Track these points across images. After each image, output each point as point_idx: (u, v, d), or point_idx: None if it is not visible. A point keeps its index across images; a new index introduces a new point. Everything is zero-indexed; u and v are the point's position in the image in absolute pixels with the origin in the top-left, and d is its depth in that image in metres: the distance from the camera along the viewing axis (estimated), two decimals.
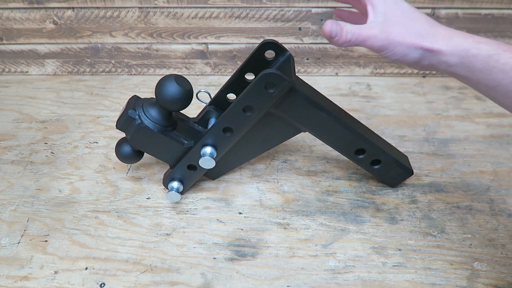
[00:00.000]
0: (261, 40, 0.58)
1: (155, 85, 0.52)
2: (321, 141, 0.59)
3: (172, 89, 0.51)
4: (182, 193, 0.59)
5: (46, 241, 0.55)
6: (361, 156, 0.58)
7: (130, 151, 0.57)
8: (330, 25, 0.40)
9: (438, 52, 0.39)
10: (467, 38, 0.38)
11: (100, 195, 0.61)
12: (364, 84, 0.85)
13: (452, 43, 0.38)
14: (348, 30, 0.40)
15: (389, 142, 0.62)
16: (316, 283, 0.50)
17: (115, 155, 0.58)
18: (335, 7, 0.78)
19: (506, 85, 0.35)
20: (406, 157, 0.63)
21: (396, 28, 0.39)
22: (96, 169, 0.65)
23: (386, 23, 0.40)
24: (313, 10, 0.78)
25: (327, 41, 0.82)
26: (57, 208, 0.59)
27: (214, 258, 0.53)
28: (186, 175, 0.58)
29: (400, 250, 0.54)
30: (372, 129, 0.61)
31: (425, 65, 0.41)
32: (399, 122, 0.75)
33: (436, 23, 0.41)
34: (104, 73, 0.88)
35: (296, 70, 0.72)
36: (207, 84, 0.85)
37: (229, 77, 0.60)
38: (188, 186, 0.60)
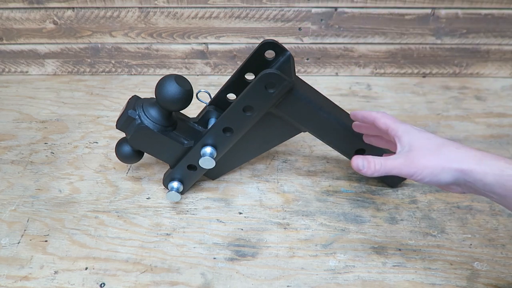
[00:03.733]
0: (261, 40, 0.58)
1: (155, 85, 0.52)
2: (321, 141, 0.59)
3: (172, 89, 0.51)
4: (182, 193, 0.59)
5: (46, 241, 0.55)
6: None
7: (130, 151, 0.57)
8: (357, 161, 0.44)
9: (470, 171, 0.39)
10: (500, 159, 0.39)
11: (100, 195, 0.61)
12: (364, 84, 0.85)
13: (485, 163, 0.39)
14: (376, 162, 0.43)
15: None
16: (316, 283, 0.50)
17: (115, 155, 0.58)
18: (335, 7, 0.78)
19: None
20: None
21: (422, 154, 0.42)
22: (96, 169, 0.65)
23: (411, 151, 0.42)
24: (313, 10, 0.78)
25: (327, 41, 0.82)
26: (57, 208, 0.59)
27: (214, 258, 0.53)
28: (186, 175, 0.58)
29: (400, 250, 0.54)
30: None
31: (463, 185, 0.41)
32: None
33: (464, 146, 0.42)
34: (104, 73, 0.88)
35: (296, 70, 0.72)
36: (207, 84, 0.85)
37: (229, 77, 0.60)
38: (188, 186, 0.60)
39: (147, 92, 0.82)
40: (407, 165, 0.42)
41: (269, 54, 0.57)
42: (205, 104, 0.61)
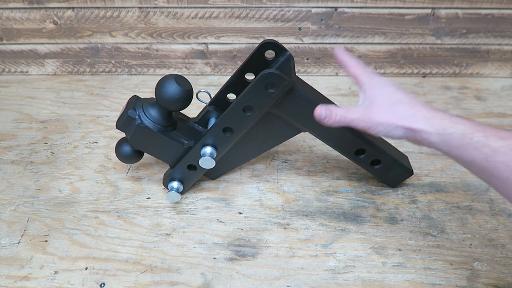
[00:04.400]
0: (261, 40, 0.58)
1: (155, 85, 0.52)
2: (321, 141, 0.59)
3: (172, 89, 0.51)
4: (182, 193, 0.59)
5: (46, 241, 0.55)
6: (361, 156, 0.58)
7: (130, 151, 0.57)
8: (320, 109, 0.47)
9: (419, 131, 0.42)
10: (445, 118, 0.42)
11: (100, 195, 0.61)
12: None
13: (431, 122, 0.42)
14: (337, 113, 0.46)
15: (389, 142, 0.62)
16: (316, 283, 0.50)
17: (115, 155, 0.58)
18: (335, 7, 0.78)
19: (480, 161, 0.38)
20: (406, 157, 0.63)
21: (378, 110, 0.45)
22: (96, 169, 0.65)
23: (370, 106, 0.45)
24: (313, 10, 0.78)
25: (327, 41, 0.82)
26: (57, 208, 0.59)
27: (214, 258, 0.53)
28: (186, 175, 0.58)
29: (400, 250, 0.54)
30: None
31: (411, 140, 0.45)
32: None
33: (419, 103, 0.44)
34: (104, 73, 0.88)
35: (296, 70, 0.72)
36: (207, 84, 0.85)
37: (229, 77, 0.60)
38: (188, 186, 0.60)
39: (147, 92, 0.82)
40: (364, 119, 0.45)
41: (269, 54, 0.57)
42: (205, 104, 0.61)
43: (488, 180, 0.40)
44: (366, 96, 0.47)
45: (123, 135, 0.58)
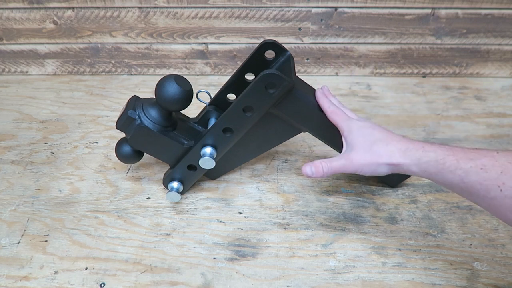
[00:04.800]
0: (261, 40, 0.58)
1: (155, 85, 0.52)
2: (321, 141, 0.59)
3: (172, 89, 0.51)
4: (182, 193, 0.59)
5: (46, 241, 0.55)
6: None
7: (130, 151, 0.57)
8: (305, 169, 0.49)
9: (399, 164, 0.45)
10: (419, 149, 0.44)
11: (100, 195, 0.61)
12: (364, 84, 0.85)
13: (407, 155, 0.45)
14: (323, 166, 0.49)
15: None
16: (316, 283, 0.50)
17: (115, 155, 0.58)
18: (335, 7, 0.78)
19: (457, 182, 0.41)
20: None
21: (359, 154, 0.47)
22: (96, 169, 0.65)
23: (352, 151, 0.48)
24: (313, 10, 0.78)
25: (327, 41, 0.82)
26: (57, 208, 0.59)
27: (214, 258, 0.53)
28: (186, 175, 0.58)
29: (400, 250, 0.54)
30: None
31: (397, 172, 0.47)
32: (399, 122, 0.75)
33: (394, 139, 0.47)
34: (104, 73, 0.88)
35: (296, 70, 0.72)
36: (207, 84, 0.85)
37: (229, 77, 0.60)
38: (188, 186, 0.60)
39: (147, 92, 0.82)
40: (348, 165, 0.48)
41: (269, 54, 0.57)
42: (205, 104, 0.61)
43: (470, 199, 0.42)
44: (347, 143, 0.50)
45: (123, 135, 0.58)
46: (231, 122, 0.53)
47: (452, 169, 0.41)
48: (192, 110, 0.62)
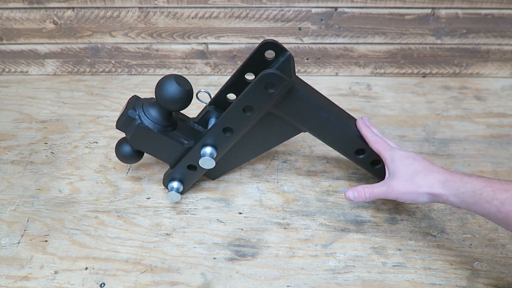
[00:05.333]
0: (261, 40, 0.58)
1: (155, 85, 0.52)
2: (321, 141, 0.59)
3: (172, 89, 0.51)
4: (182, 193, 0.59)
5: (46, 241, 0.55)
6: (361, 156, 0.58)
7: (130, 151, 0.57)
8: (348, 194, 0.53)
9: (438, 195, 0.47)
10: (457, 180, 0.47)
11: (100, 195, 0.61)
12: (364, 84, 0.85)
13: (446, 186, 0.47)
14: (365, 191, 0.52)
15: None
16: (316, 283, 0.50)
17: (115, 155, 0.58)
18: (335, 7, 0.78)
19: (494, 212, 0.43)
20: None
21: (400, 182, 0.50)
22: (96, 169, 0.65)
23: (393, 180, 0.51)
24: (313, 10, 0.78)
25: (327, 41, 0.82)
26: (57, 208, 0.59)
27: (214, 258, 0.53)
28: (186, 175, 0.58)
29: (400, 250, 0.54)
30: None
31: (436, 202, 0.49)
32: (399, 122, 0.75)
33: (434, 170, 0.49)
34: (104, 73, 0.88)
35: (296, 70, 0.72)
36: (207, 84, 0.85)
37: (229, 77, 0.60)
38: (188, 186, 0.60)
39: (147, 92, 0.82)
40: (389, 192, 0.50)
41: (269, 54, 0.57)
42: (205, 104, 0.61)
43: (508, 228, 0.44)
44: (389, 171, 0.52)
45: (123, 135, 0.58)
46: (231, 122, 0.53)
47: (488, 199, 0.43)
48: (192, 110, 0.62)
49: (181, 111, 0.57)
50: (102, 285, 0.50)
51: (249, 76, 0.59)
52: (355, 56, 0.84)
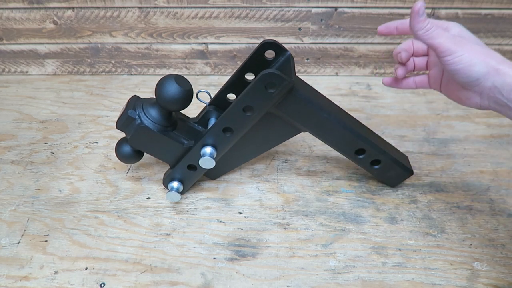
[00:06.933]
0: (261, 40, 0.58)
1: (155, 85, 0.52)
2: (321, 141, 0.59)
3: (172, 89, 0.51)
4: (182, 193, 0.59)
5: (46, 241, 0.55)
6: (361, 156, 0.58)
7: (130, 151, 0.57)
8: (420, 5, 0.43)
9: (504, 74, 0.42)
10: None
11: (100, 195, 0.61)
12: (364, 84, 0.85)
13: (508, 63, 0.42)
14: (431, 21, 0.43)
15: (389, 142, 0.62)
16: (316, 283, 0.50)
17: (115, 155, 0.58)
18: (335, 7, 0.78)
19: None
20: (406, 157, 0.63)
21: (470, 42, 0.44)
22: (96, 169, 0.65)
23: (460, 37, 0.45)
24: (313, 10, 0.78)
25: (327, 41, 0.82)
26: (57, 208, 0.59)
27: (214, 258, 0.53)
28: (186, 175, 0.58)
29: (400, 250, 0.54)
30: (372, 129, 0.61)
31: (487, 86, 0.43)
32: (399, 122, 0.75)
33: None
34: (104, 73, 0.88)
35: (296, 70, 0.72)
36: (207, 84, 0.85)
37: (229, 77, 0.60)
38: (188, 186, 0.60)
39: (147, 92, 0.82)
40: (454, 42, 0.43)
41: (269, 54, 0.57)
42: (205, 104, 0.61)
43: None
44: (453, 32, 0.46)
45: (123, 135, 0.58)
46: (231, 122, 0.53)
47: None
48: (192, 110, 0.62)
49: (181, 111, 0.57)
50: (102, 285, 0.50)
51: (249, 76, 0.59)
52: (355, 56, 0.84)
